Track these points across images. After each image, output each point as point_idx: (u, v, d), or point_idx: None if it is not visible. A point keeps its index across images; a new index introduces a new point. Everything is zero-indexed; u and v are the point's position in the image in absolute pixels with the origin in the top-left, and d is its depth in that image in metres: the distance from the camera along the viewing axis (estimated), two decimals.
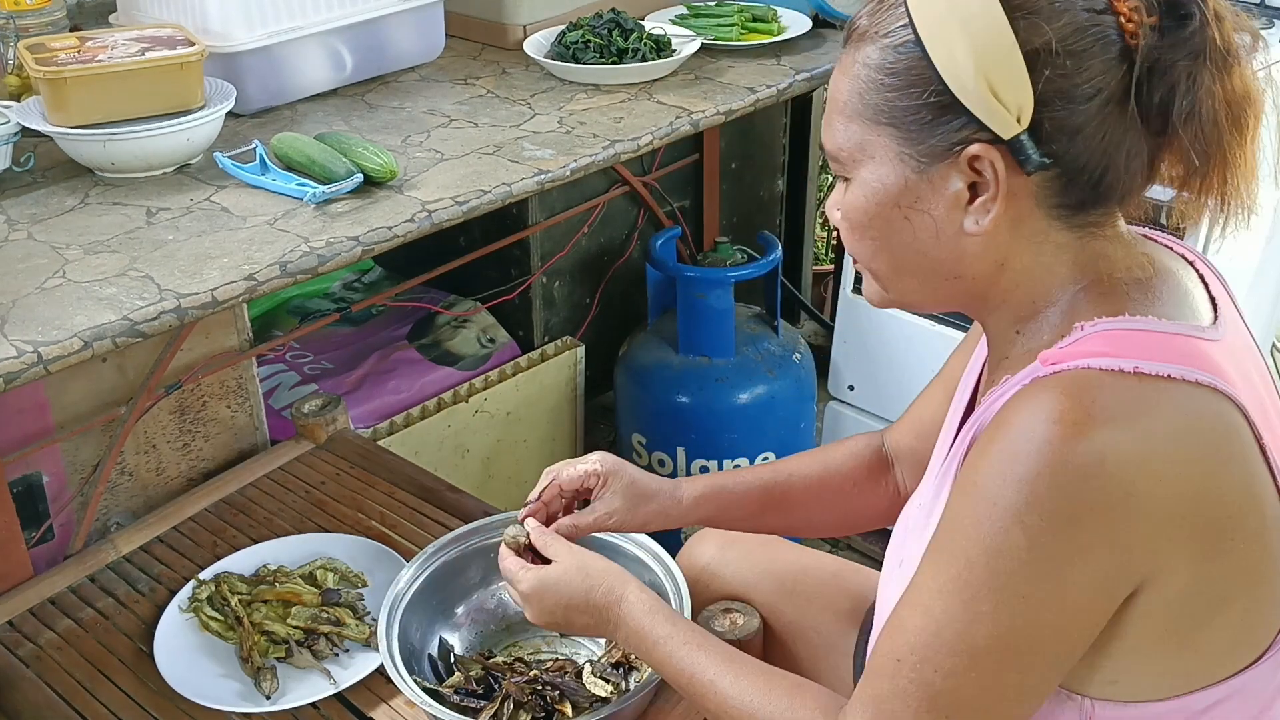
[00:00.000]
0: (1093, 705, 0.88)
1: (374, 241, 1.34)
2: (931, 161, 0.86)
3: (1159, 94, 0.82)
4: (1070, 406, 0.79)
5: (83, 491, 1.64)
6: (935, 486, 0.99)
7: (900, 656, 0.86)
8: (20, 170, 1.47)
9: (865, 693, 0.89)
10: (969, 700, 0.84)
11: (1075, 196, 0.86)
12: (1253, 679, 0.88)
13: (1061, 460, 0.78)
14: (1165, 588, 0.82)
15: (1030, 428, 0.80)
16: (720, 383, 2.17)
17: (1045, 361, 0.83)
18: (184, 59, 1.47)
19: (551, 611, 1.12)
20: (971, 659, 0.83)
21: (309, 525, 1.60)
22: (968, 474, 0.85)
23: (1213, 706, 0.88)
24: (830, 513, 1.26)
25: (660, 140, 1.63)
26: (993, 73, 0.82)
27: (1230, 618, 0.86)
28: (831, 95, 0.92)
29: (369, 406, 2.09)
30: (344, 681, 1.33)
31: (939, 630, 0.84)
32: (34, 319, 1.17)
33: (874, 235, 0.91)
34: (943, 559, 0.85)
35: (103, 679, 1.36)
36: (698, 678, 1.02)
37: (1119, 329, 0.85)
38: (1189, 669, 0.87)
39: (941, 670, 0.84)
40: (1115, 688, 0.87)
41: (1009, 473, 0.80)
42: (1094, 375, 0.81)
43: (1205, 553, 0.82)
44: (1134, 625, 0.84)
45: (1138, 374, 0.81)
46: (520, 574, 1.14)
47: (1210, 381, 0.82)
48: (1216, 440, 0.82)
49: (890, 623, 0.89)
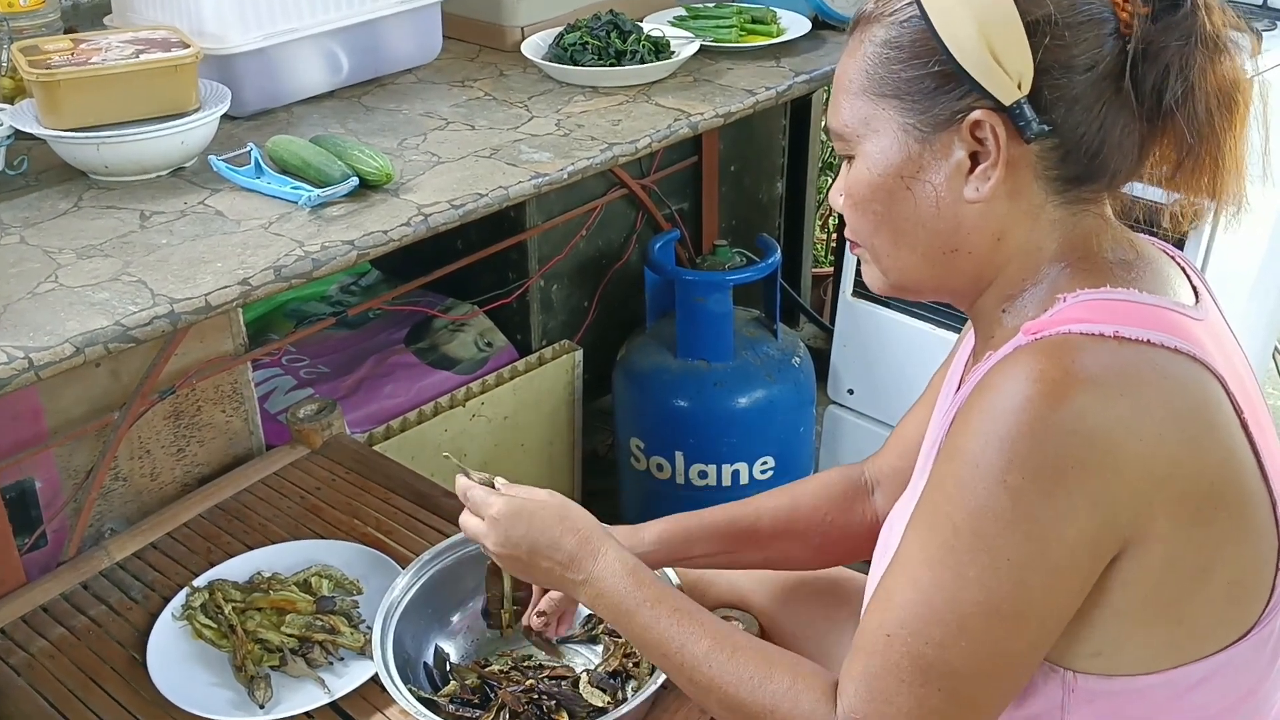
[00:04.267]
0: (1075, 678, 0.89)
1: (369, 246, 1.33)
2: (934, 130, 0.89)
3: (1152, 77, 0.86)
4: (1050, 366, 0.81)
5: (76, 497, 1.63)
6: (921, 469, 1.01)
7: (890, 631, 0.86)
8: (13, 173, 1.46)
9: (857, 668, 0.89)
10: (961, 670, 0.85)
11: (1071, 169, 0.89)
12: (1238, 655, 0.89)
13: (1042, 419, 0.80)
14: (1148, 554, 0.83)
15: (1011, 389, 0.82)
16: (719, 387, 2.16)
17: (1027, 332, 0.86)
18: (178, 61, 1.46)
19: (516, 544, 1.08)
20: (961, 627, 0.84)
21: (304, 531, 1.59)
22: (950, 441, 0.86)
23: (1199, 683, 0.88)
24: (803, 547, 1.25)
25: (659, 143, 1.62)
26: (994, 39, 0.85)
27: (1214, 591, 0.86)
28: (837, 78, 0.95)
29: (365, 411, 2.08)
30: (338, 690, 1.31)
31: (928, 600, 0.85)
32: (26, 324, 1.16)
33: (876, 209, 0.93)
34: (927, 527, 0.86)
35: (95, 687, 1.35)
36: (686, 650, 0.98)
37: (1100, 299, 0.87)
38: (1173, 642, 0.87)
39: (932, 641, 0.84)
40: (1099, 660, 0.88)
41: (990, 433, 0.82)
42: (1074, 339, 0.83)
43: (1188, 518, 0.83)
44: (1117, 593, 0.85)
45: (1118, 338, 0.83)
46: (490, 498, 1.10)
47: (1190, 350, 0.84)
48: (1196, 406, 0.84)
49: (878, 595, 0.90)
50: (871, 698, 0.87)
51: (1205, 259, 1.86)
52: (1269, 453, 0.88)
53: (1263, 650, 0.90)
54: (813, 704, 0.92)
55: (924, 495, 0.88)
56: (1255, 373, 0.96)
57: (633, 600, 1.03)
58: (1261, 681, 0.91)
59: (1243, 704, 0.91)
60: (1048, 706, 0.90)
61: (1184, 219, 0.96)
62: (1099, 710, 0.89)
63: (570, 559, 1.06)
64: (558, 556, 1.07)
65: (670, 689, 1.27)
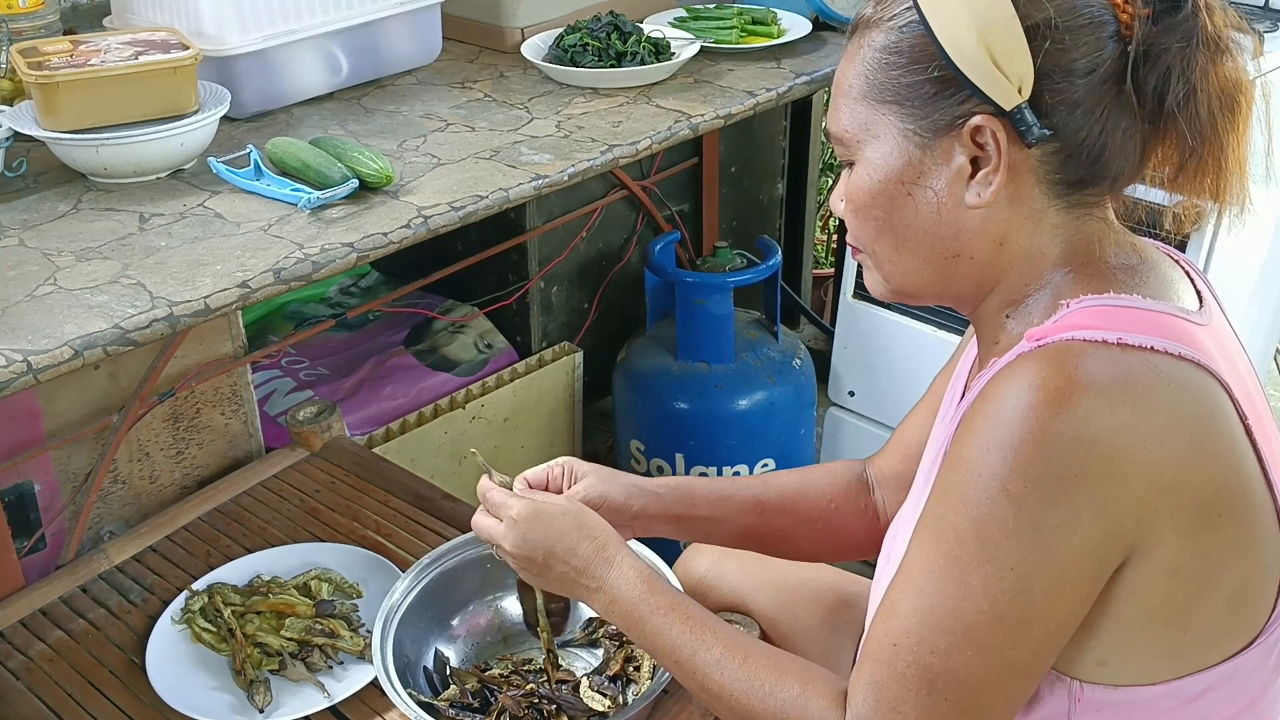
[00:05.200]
0: (1082, 688, 0.88)
1: (369, 248, 1.33)
2: (935, 136, 0.88)
3: (1154, 79, 0.85)
4: (1053, 373, 0.81)
5: (75, 500, 1.62)
6: (924, 478, 1.00)
7: (896, 641, 0.86)
8: (12, 175, 1.46)
9: (864, 677, 0.89)
10: (967, 680, 0.84)
11: (1073, 173, 0.89)
12: (1243, 664, 0.88)
13: (1046, 426, 0.80)
14: (1153, 561, 0.83)
15: (1014, 396, 0.81)
16: (719, 389, 2.15)
17: (1031, 338, 0.85)
18: (178, 63, 1.45)
19: (533, 547, 1.06)
20: (966, 636, 0.83)
21: (303, 534, 1.58)
22: (954, 449, 0.86)
23: (1204, 693, 0.88)
24: (806, 529, 1.24)
25: (659, 144, 1.61)
26: (994, 44, 0.84)
27: (1218, 600, 0.86)
28: (837, 82, 0.95)
29: (365, 413, 2.08)
30: (338, 695, 1.31)
31: (933, 610, 0.84)
32: (24, 327, 1.16)
33: (877, 215, 0.93)
34: (932, 536, 0.86)
35: (94, 691, 1.34)
36: (699, 658, 0.98)
37: (1103, 305, 0.87)
38: (1179, 651, 0.87)
39: (938, 651, 0.84)
40: (1105, 670, 0.87)
41: (993, 441, 0.81)
42: (1077, 345, 0.83)
43: (1194, 525, 0.83)
44: (1122, 601, 0.84)
45: (1121, 344, 0.82)
46: (512, 500, 1.09)
47: (1194, 356, 0.84)
48: (1200, 413, 0.83)
49: (884, 605, 0.89)
50: (879, 706, 0.87)
51: (1208, 260, 1.86)
52: (1273, 459, 0.88)
53: (1267, 659, 0.90)
54: (821, 712, 0.91)
55: (928, 504, 0.88)
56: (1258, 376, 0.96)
57: (646, 607, 1.02)
58: (1266, 690, 0.91)
59: (1247, 712, 0.91)
60: (1054, 715, 0.90)
61: (1186, 220, 0.96)
62: None
63: (586, 565, 1.06)
64: (574, 562, 1.06)
65: (670, 694, 1.26)
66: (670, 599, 1.03)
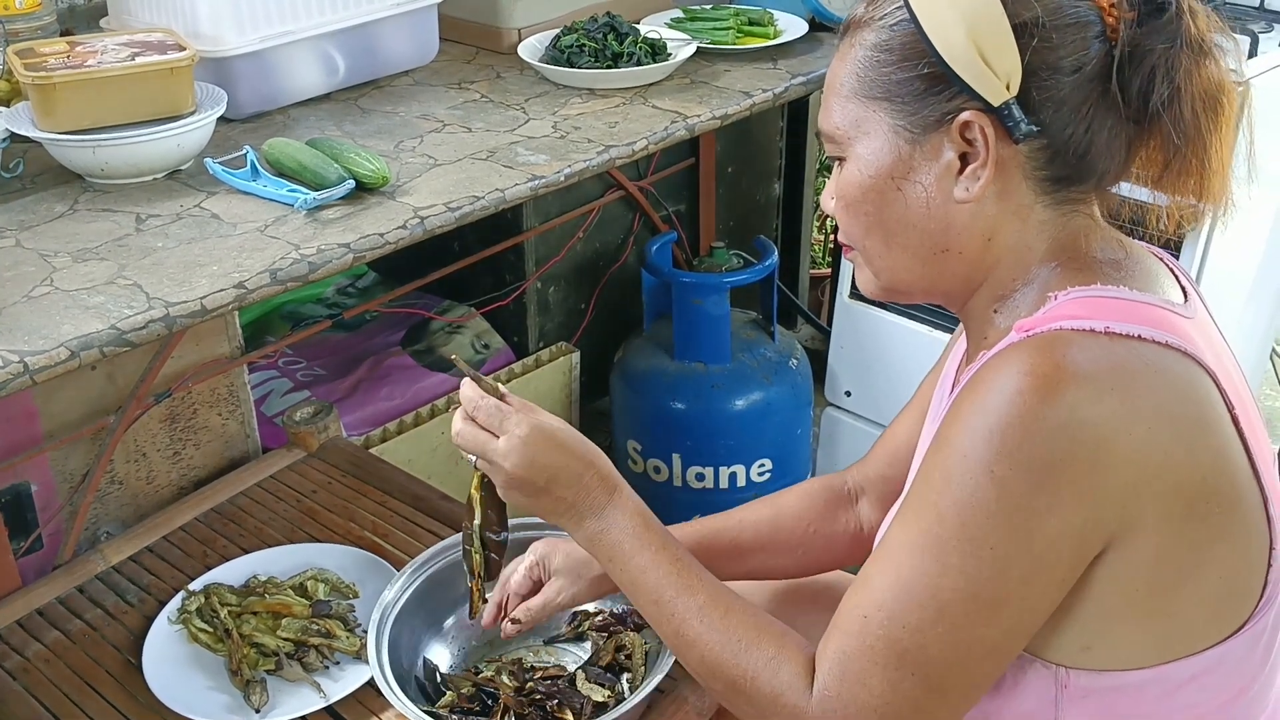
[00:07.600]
0: (1068, 674, 0.89)
1: (365, 248, 1.33)
2: (924, 132, 0.90)
3: (1138, 79, 0.87)
4: (1041, 361, 0.82)
5: (72, 501, 1.62)
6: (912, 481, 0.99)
7: (867, 613, 0.87)
8: (9, 176, 1.46)
9: (832, 649, 0.89)
10: (936, 656, 0.85)
11: (1059, 170, 0.90)
12: (1230, 652, 0.89)
13: (1033, 412, 0.80)
14: (1137, 548, 0.83)
15: (1003, 383, 0.82)
16: (716, 389, 2.16)
17: (1020, 329, 0.86)
18: (174, 64, 1.45)
19: (537, 469, 1.02)
20: (939, 612, 0.84)
21: (300, 535, 1.59)
22: (942, 431, 0.86)
23: (1191, 679, 0.89)
24: (786, 558, 1.24)
25: (655, 145, 1.62)
26: (983, 41, 0.86)
27: (1204, 588, 0.86)
28: (828, 81, 0.96)
29: (362, 413, 2.08)
30: (334, 695, 1.31)
31: (907, 584, 0.85)
32: (21, 328, 1.16)
33: (867, 210, 0.94)
34: (914, 514, 0.87)
35: (90, 692, 1.34)
36: (680, 601, 0.98)
37: (1091, 296, 0.88)
38: (1163, 637, 0.88)
39: (909, 626, 0.85)
40: (1089, 655, 0.88)
41: (980, 425, 0.82)
42: (1065, 334, 0.84)
43: (1180, 513, 0.83)
44: (1103, 586, 0.85)
45: (1109, 333, 0.83)
46: (518, 415, 1.03)
47: (1180, 345, 0.85)
48: (1187, 401, 0.84)
49: (859, 578, 0.90)
50: (845, 678, 0.88)
51: (1202, 261, 1.86)
52: (1260, 449, 0.88)
53: (1255, 648, 0.90)
54: (790, 677, 0.92)
55: (912, 487, 0.89)
56: (1246, 373, 0.96)
57: (638, 542, 1.01)
58: (1254, 679, 0.91)
59: (1235, 702, 0.92)
60: (1041, 704, 0.90)
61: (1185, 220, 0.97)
62: (1092, 707, 0.90)
63: (587, 494, 1.03)
64: (575, 488, 1.03)
65: (664, 692, 1.26)
66: (662, 539, 1.02)
